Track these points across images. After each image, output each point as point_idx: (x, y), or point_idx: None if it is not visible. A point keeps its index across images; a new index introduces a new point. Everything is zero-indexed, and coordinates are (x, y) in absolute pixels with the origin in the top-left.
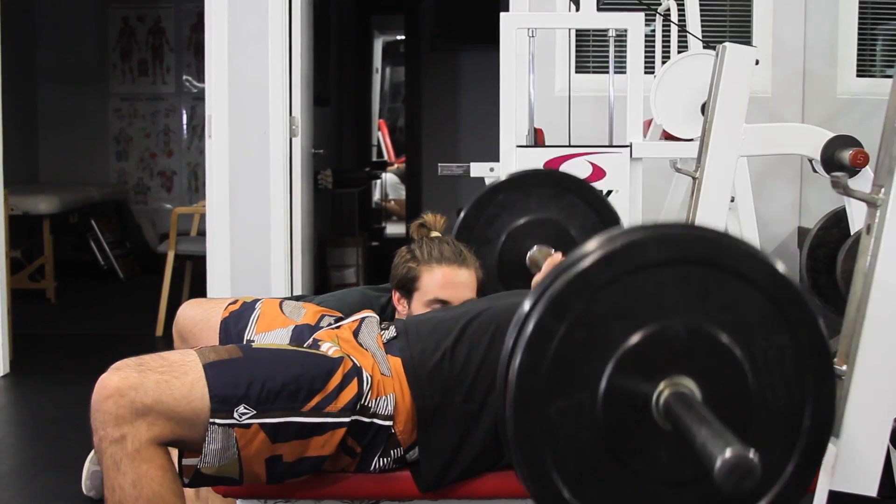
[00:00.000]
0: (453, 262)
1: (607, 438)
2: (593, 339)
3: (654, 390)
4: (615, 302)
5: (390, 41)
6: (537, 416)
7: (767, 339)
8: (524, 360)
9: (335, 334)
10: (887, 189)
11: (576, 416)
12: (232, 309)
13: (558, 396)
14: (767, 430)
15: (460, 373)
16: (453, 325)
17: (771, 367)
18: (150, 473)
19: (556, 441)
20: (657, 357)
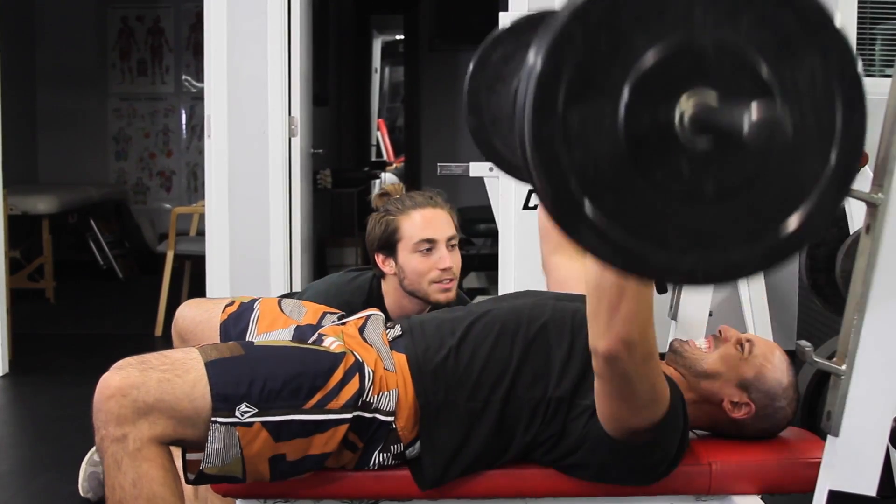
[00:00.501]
0: (427, 204)
1: (629, 148)
2: (617, 47)
3: (677, 101)
4: (641, 10)
5: (389, 41)
6: (557, 121)
7: (798, 59)
8: (545, 64)
9: (340, 330)
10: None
11: (597, 123)
12: (230, 311)
13: (579, 102)
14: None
15: (464, 372)
16: (458, 325)
17: (800, 88)
18: (151, 473)
19: (576, 146)
20: (682, 69)
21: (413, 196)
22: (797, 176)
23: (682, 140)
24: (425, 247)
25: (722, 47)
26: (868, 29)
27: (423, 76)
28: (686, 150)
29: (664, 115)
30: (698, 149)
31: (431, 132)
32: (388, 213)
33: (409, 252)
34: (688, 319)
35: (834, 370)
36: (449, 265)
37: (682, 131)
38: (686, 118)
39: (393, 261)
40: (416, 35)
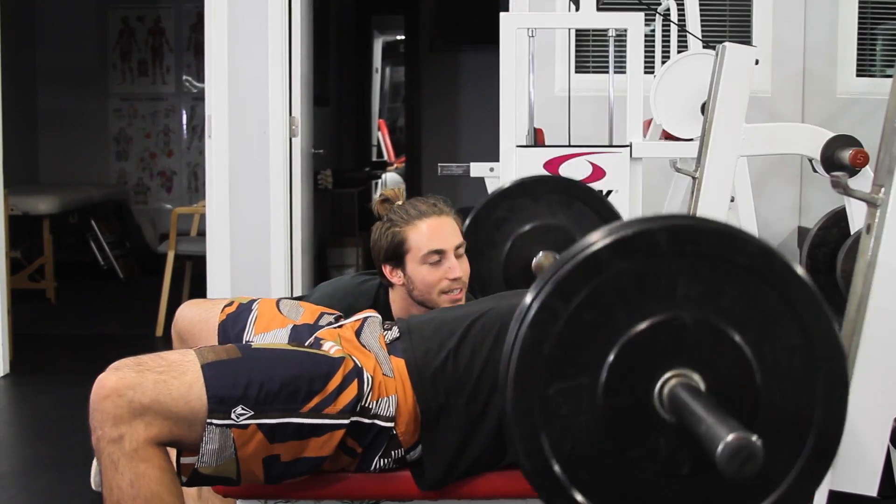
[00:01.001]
0: (432, 213)
1: (606, 424)
2: (598, 324)
3: (657, 380)
4: (624, 288)
5: (390, 41)
6: (537, 395)
7: (779, 339)
8: (527, 338)
9: (337, 333)
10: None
11: (576, 399)
12: (228, 311)
13: (559, 378)
14: (773, 431)
15: (464, 374)
16: (457, 326)
17: (780, 367)
18: (148, 473)
19: (554, 421)
20: (663, 347)
21: (417, 204)
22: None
23: (662, 416)
24: (434, 258)
25: (703, 326)
26: (868, 29)
27: (424, 76)
28: (665, 425)
29: (644, 392)
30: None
31: (432, 132)
32: (394, 225)
33: (418, 264)
34: None
35: None
36: (458, 275)
37: (662, 408)
38: (664, 396)
39: (401, 272)
40: (417, 35)
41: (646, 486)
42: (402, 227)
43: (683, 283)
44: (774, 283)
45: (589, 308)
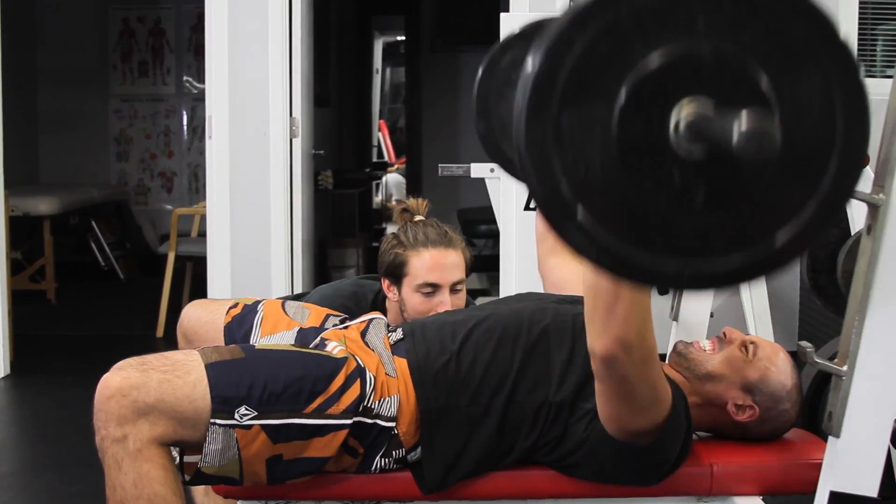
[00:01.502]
0: (439, 244)
1: (620, 153)
2: (615, 52)
3: (672, 109)
4: (643, 20)
5: (390, 42)
6: (550, 122)
7: (801, 73)
8: (542, 66)
9: (342, 334)
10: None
11: (590, 126)
12: (234, 313)
13: (574, 104)
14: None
15: (465, 376)
16: (459, 329)
17: (800, 99)
18: (152, 473)
19: (568, 148)
20: (679, 77)
21: (428, 229)
22: (791, 189)
23: (676, 148)
24: (428, 290)
25: (722, 57)
26: (869, 30)
27: (425, 77)
28: (678, 158)
29: (658, 122)
30: (691, 158)
31: (432, 133)
32: (400, 245)
33: (412, 290)
34: (689, 321)
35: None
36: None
37: (676, 139)
38: (681, 126)
39: (397, 290)
40: (418, 36)
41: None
42: (406, 249)
43: (704, 16)
44: (799, 19)
45: (606, 37)
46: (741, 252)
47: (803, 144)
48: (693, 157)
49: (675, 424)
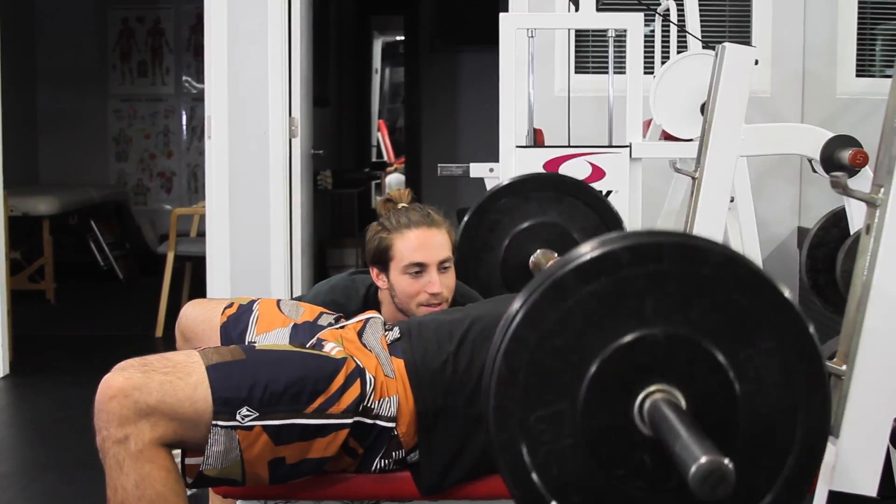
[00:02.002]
0: (422, 224)
1: (589, 446)
2: (570, 349)
3: (636, 399)
4: (592, 311)
5: (390, 42)
6: (517, 425)
7: (753, 344)
8: (501, 370)
9: (339, 334)
10: (886, 189)
11: (556, 425)
12: (229, 313)
13: (537, 405)
14: (758, 438)
15: (463, 377)
16: (456, 329)
17: (758, 372)
18: (153, 474)
19: (538, 448)
20: (638, 366)
21: (410, 213)
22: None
23: (643, 432)
24: (414, 269)
25: (675, 340)
26: (868, 29)
27: (424, 77)
28: (646, 441)
29: (623, 410)
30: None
31: (432, 133)
32: (384, 230)
33: (399, 273)
34: None
35: (834, 370)
36: (438, 290)
37: (642, 424)
38: (644, 412)
39: (385, 277)
40: (417, 36)
41: (634, 501)
42: (390, 233)
43: (651, 299)
44: (742, 290)
45: (559, 334)
46: None
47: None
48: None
49: None
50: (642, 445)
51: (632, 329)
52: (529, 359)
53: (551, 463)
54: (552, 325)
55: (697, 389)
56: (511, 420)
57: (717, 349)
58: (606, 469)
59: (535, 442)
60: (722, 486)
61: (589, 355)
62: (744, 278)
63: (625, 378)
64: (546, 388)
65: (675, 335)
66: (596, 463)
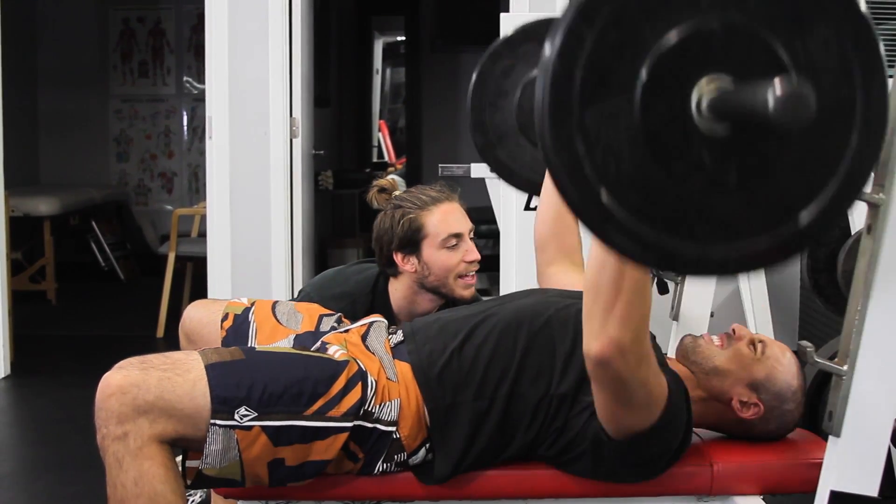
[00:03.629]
0: (444, 199)
1: (648, 143)
2: (626, 41)
3: (692, 90)
4: (646, 2)
5: (390, 42)
6: (574, 123)
7: (810, 33)
8: (556, 68)
9: (344, 338)
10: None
11: (614, 121)
12: (227, 326)
13: (594, 102)
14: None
15: (469, 371)
16: (461, 326)
17: (816, 61)
18: (152, 471)
19: (596, 146)
20: (694, 57)
21: (426, 191)
22: (818, 159)
23: (701, 128)
24: (452, 242)
25: (732, 29)
26: None
27: (425, 77)
28: (705, 138)
29: (680, 105)
30: (718, 136)
31: (433, 133)
32: (407, 212)
33: (436, 248)
34: (689, 320)
35: (835, 370)
36: (477, 257)
37: (700, 119)
38: (703, 106)
39: (415, 259)
40: (418, 36)
41: (696, 200)
42: (416, 213)
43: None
44: None
45: (614, 27)
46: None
47: (824, 107)
48: (720, 135)
49: (672, 421)
50: (701, 141)
51: (687, 19)
52: (585, 58)
53: (609, 159)
54: (607, 18)
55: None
56: (567, 119)
57: (774, 38)
58: (664, 165)
59: (593, 140)
60: (804, 106)
61: (644, 48)
62: None
63: (682, 69)
64: (603, 84)
65: (733, 25)
66: (655, 160)
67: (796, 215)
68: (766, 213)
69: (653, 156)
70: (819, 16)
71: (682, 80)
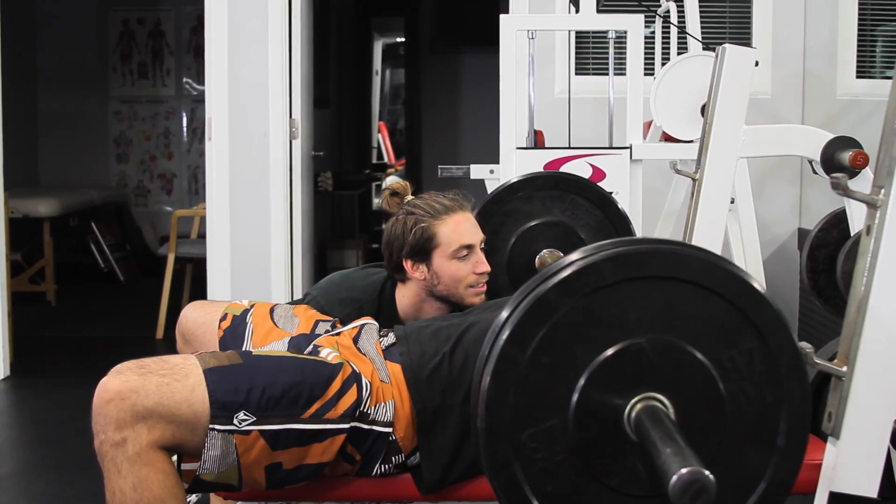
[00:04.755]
0: (458, 208)
1: (583, 459)
2: (558, 364)
3: (624, 408)
4: (578, 325)
5: (390, 43)
6: (510, 444)
7: (735, 344)
8: (491, 391)
9: (335, 341)
10: (887, 190)
11: (549, 441)
12: (224, 326)
13: (529, 423)
14: (745, 435)
15: (459, 375)
16: (453, 332)
17: (741, 372)
18: (151, 477)
19: (532, 466)
20: (624, 375)
21: (440, 199)
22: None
23: (635, 440)
24: (464, 253)
25: (659, 346)
26: (868, 30)
27: (424, 78)
28: (640, 450)
29: (613, 423)
30: None
31: (432, 134)
32: (420, 220)
33: (447, 259)
34: None
35: (835, 372)
36: (487, 269)
37: (632, 433)
38: (633, 421)
39: (425, 267)
40: (417, 37)
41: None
42: (429, 221)
43: (634, 308)
44: (721, 293)
45: (547, 350)
46: None
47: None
48: None
49: None
50: (635, 453)
51: (617, 340)
52: (518, 377)
53: (546, 479)
54: (539, 342)
55: (684, 393)
56: (504, 440)
57: (701, 353)
58: (601, 480)
59: (528, 460)
60: (703, 496)
61: (576, 369)
62: (723, 281)
63: (613, 389)
64: (537, 406)
65: (660, 342)
66: (590, 475)
67: None
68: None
69: (589, 471)
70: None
71: (615, 398)
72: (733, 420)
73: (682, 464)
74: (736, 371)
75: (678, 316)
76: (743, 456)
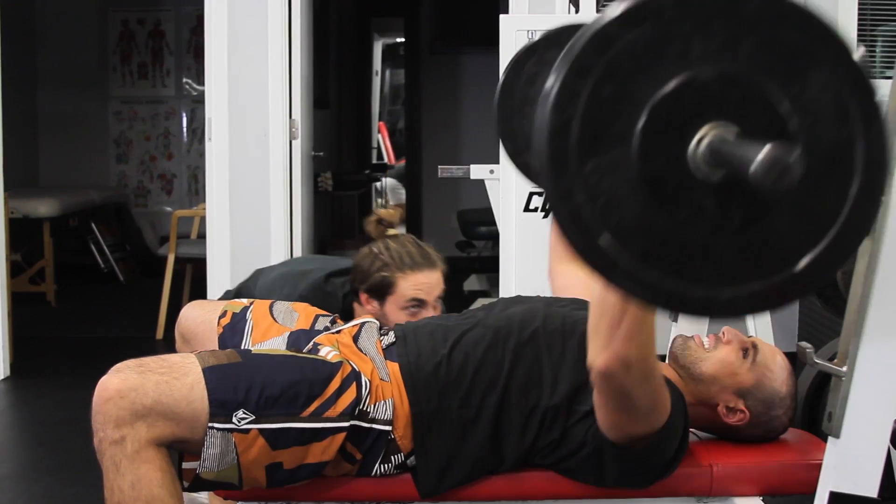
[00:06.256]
0: (425, 266)
1: (649, 191)
2: (621, 96)
3: (691, 139)
4: (639, 57)
5: (390, 43)
6: (574, 175)
7: (805, 77)
8: (553, 122)
9: (335, 339)
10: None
11: (613, 172)
12: (224, 323)
13: (592, 154)
14: (817, 172)
15: (456, 378)
16: (451, 333)
17: (812, 105)
18: (150, 475)
19: (596, 196)
20: (689, 107)
21: (409, 248)
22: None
23: (699, 176)
24: (414, 305)
25: (726, 78)
26: (868, 31)
27: (424, 78)
28: (704, 184)
29: (678, 155)
30: (715, 182)
31: (432, 135)
32: (385, 267)
33: (397, 308)
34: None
35: (835, 372)
36: None
37: (698, 166)
38: (699, 155)
39: (377, 304)
40: (417, 37)
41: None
42: (393, 272)
43: (697, 41)
44: (789, 24)
45: (608, 82)
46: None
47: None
48: (717, 181)
49: (673, 427)
50: (703, 189)
51: (680, 72)
52: (580, 111)
53: (612, 210)
54: (600, 73)
55: (753, 126)
56: (567, 171)
57: (768, 84)
58: (667, 211)
59: (593, 191)
60: (787, 174)
61: (639, 101)
62: (789, 13)
63: (677, 120)
64: (600, 137)
65: (725, 74)
66: (657, 207)
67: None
68: (771, 256)
69: (654, 202)
70: (814, 62)
71: (680, 129)
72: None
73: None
74: (808, 105)
75: (744, 48)
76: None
